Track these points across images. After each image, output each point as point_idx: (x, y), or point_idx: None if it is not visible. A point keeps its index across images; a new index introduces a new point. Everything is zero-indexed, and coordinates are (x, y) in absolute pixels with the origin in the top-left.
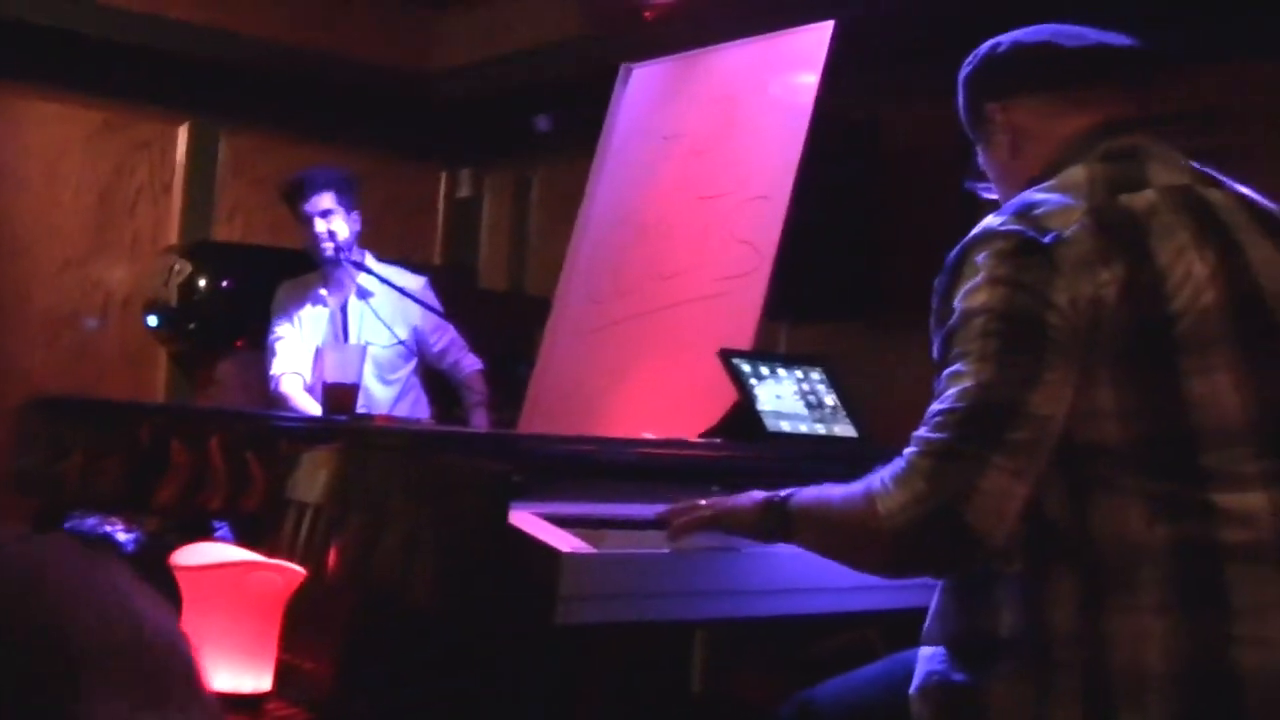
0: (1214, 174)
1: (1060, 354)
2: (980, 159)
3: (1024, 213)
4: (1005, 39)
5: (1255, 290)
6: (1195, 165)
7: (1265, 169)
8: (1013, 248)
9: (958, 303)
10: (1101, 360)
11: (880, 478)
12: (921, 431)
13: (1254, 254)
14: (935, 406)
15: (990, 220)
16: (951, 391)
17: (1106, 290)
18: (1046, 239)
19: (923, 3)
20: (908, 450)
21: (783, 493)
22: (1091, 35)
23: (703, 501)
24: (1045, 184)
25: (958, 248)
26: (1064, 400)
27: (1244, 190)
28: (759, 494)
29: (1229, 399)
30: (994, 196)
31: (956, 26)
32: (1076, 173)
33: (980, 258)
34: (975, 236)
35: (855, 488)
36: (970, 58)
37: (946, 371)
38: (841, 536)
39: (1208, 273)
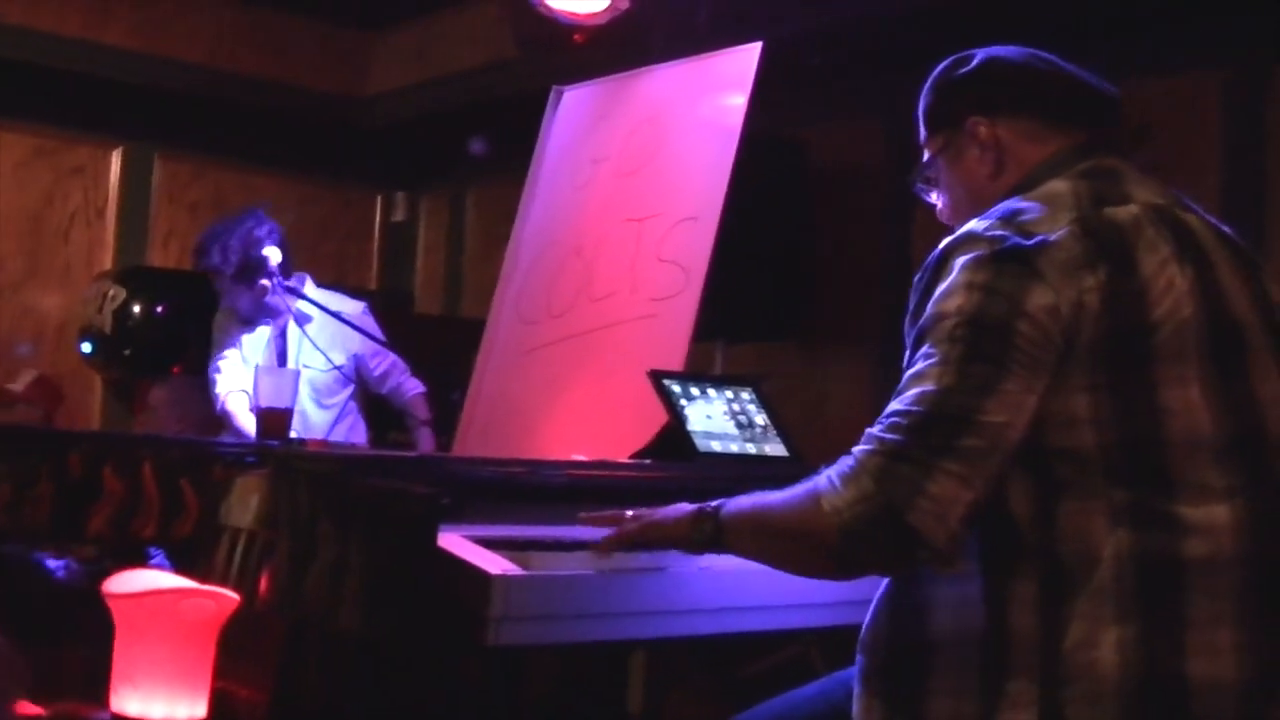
0: (1185, 199)
1: (1025, 364)
2: (937, 168)
3: (1009, 218)
4: (989, 52)
5: (1226, 313)
6: (1167, 189)
7: (1188, 183)
8: (993, 253)
9: (932, 303)
10: (1079, 366)
11: (827, 476)
12: (875, 430)
13: (1224, 277)
14: (893, 406)
15: (975, 224)
16: (911, 393)
17: (1090, 295)
18: (1032, 242)
19: (847, 23)
20: (858, 448)
21: (713, 503)
22: (1069, 68)
23: (629, 513)
24: (1028, 193)
25: (940, 248)
26: (1024, 409)
27: (1211, 218)
28: (687, 506)
29: (1200, 412)
30: (937, 202)
31: (880, 46)
32: (1059, 185)
33: (960, 260)
34: (958, 238)
35: (796, 490)
36: (951, 63)
37: (910, 371)
38: (782, 538)
39: (1187, 287)
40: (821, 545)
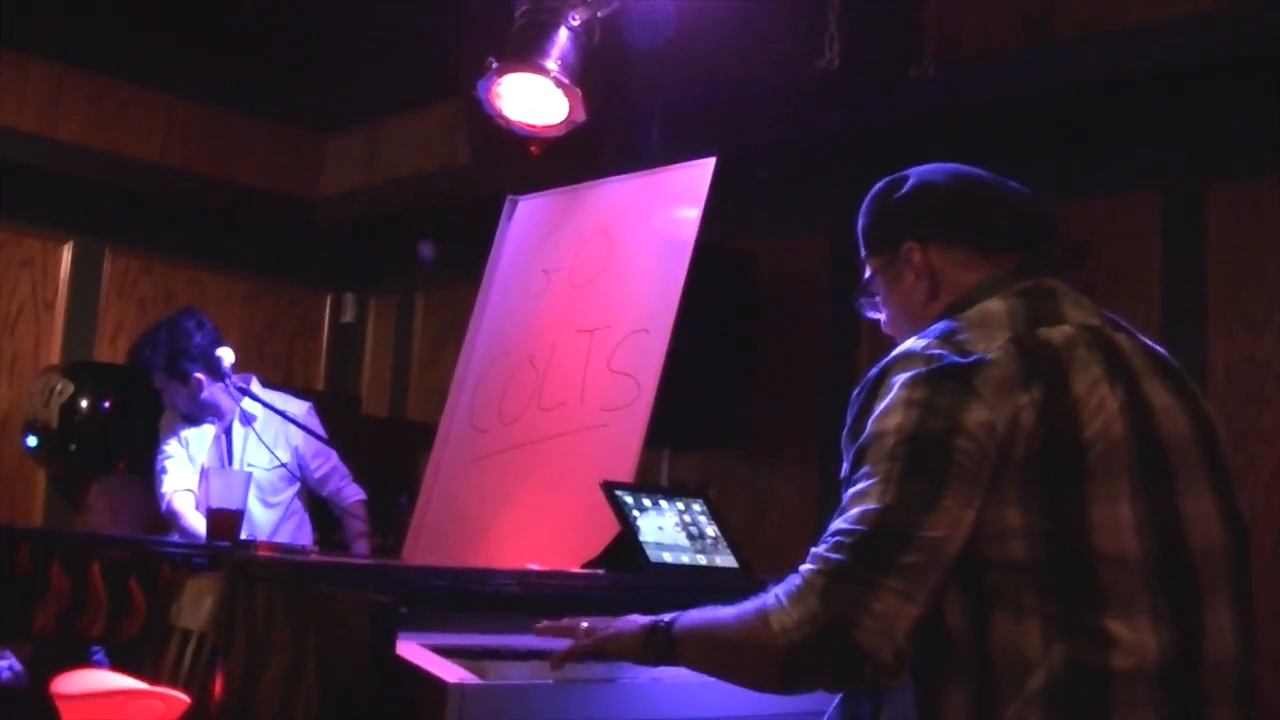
0: (1118, 319)
1: (962, 478)
2: (877, 285)
3: (947, 336)
4: (921, 178)
5: (1155, 432)
6: (1101, 310)
7: (1130, 301)
8: (930, 371)
9: (871, 421)
10: (1013, 480)
11: (775, 594)
12: (820, 550)
13: (1154, 397)
14: (835, 525)
15: (912, 343)
16: (853, 513)
17: (1025, 412)
18: (969, 360)
19: (795, 140)
20: (804, 568)
21: (666, 616)
22: (999, 188)
23: (584, 623)
24: (965, 313)
25: (878, 366)
26: (962, 523)
27: (1142, 338)
28: (640, 619)
29: (1127, 531)
30: (878, 316)
31: (829, 161)
32: (995, 304)
33: (898, 378)
34: (896, 357)
35: (747, 606)
36: (885, 186)
37: (852, 490)
38: (732, 654)
39: (1117, 406)
40: (770, 663)
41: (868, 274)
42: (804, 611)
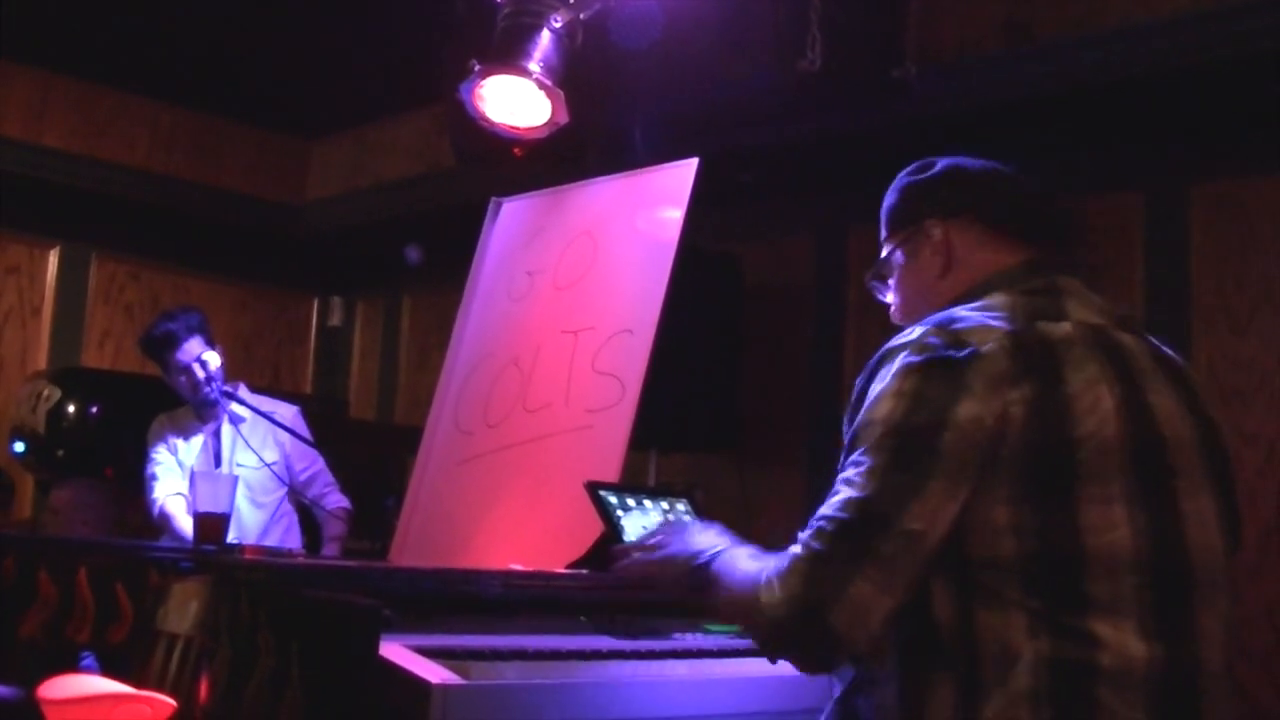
0: (1129, 318)
1: (946, 472)
2: (894, 265)
3: (944, 326)
4: (952, 161)
5: (1154, 432)
6: (1111, 308)
7: (1115, 294)
8: (924, 361)
9: (864, 407)
10: (1002, 477)
11: (766, 573)
12: (804, 534)
13: (1155, 398)
14: (821, 511)
15: (912, 332)
16: (838, 500)
17: (1015, 408)
18: (963, 353)
19: (779, 145)
20: (791, 550)
21: (707, 553)
22: (1025, 181)
23: (653, 540)
24: (969, 304)
25: (880, 351)
26: (944, 515)
27: (1151, 339)
28: (694, 547)
29: (1120, 531)
30: (889, 299)
31: (812, 163)
32: (1000, 298)
33: (893, 366)
34: (894, 344)
35: (754, 571)
36: (915, 167)
37: (841, 476)
38: (734, 609)
39: (1113, 406)
40: (756, 629)
41: (884, 253)
42: (786, 592)
